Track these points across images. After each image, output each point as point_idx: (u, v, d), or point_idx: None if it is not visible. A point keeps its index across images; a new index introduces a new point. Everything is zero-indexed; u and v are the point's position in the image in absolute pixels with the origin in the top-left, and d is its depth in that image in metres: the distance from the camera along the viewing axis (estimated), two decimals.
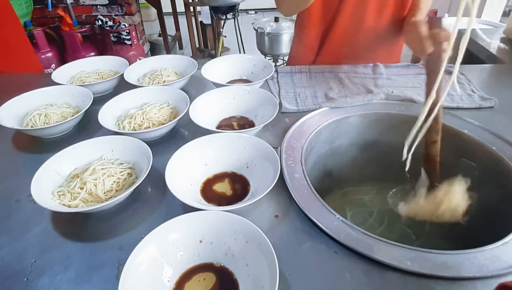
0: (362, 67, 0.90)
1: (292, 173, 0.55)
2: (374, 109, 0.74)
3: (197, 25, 3.23)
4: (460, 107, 0.73)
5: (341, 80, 0.84)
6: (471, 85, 0.82)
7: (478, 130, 0.67)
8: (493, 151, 0.62)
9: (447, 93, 0.76)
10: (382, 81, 0.84)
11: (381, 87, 0.81)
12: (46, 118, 0.66)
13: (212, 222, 0.42)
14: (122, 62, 0.82)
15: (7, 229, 0.48)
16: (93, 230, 0.47)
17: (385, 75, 0.86)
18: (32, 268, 0.43)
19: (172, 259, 0.40)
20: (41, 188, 0.48)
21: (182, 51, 3.58)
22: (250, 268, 0.40)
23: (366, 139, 0.76)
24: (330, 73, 0.89)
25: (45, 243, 0.46)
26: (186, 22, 2.96)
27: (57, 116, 0.67)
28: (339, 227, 0.47)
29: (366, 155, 0.78)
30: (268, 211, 0.50)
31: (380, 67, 0.89)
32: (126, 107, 0.66)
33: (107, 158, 0.55)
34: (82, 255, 0.44)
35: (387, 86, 0.81)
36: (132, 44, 2.43)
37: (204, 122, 0.62)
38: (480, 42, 1.15)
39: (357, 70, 0.89)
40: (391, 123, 0.74)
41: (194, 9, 3.16)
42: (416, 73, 0.88)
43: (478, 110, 0.73)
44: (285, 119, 0.70)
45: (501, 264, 0.42)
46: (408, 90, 0.80)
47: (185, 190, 0.50)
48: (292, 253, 0.44)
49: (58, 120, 0.66)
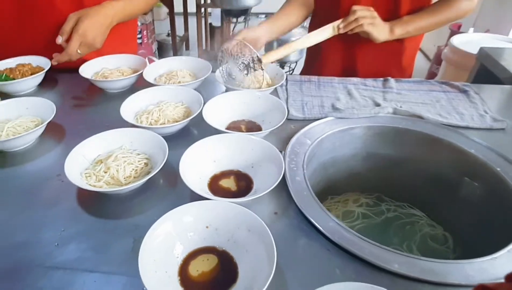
0: (372, 81, 0.98)
1: (294, 176, 0.63)
2: (380, 122, 0.80)
3: (206, 27, 3.34)
4: (470, 127, 0.78)
5: (349, 92, 0.92)
6: (484, 105, 0.86)
7: (484, 150, 0.71)
8: (497, 172, 0.67)
9: (457, 112, 0.84)
10: (392, 95, 0.90)
11: (390, 101, 0.87)
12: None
13: (220, 211, 0.50)
14: (141, 61, 0.92)
15: (41, 202, 0.58)
16: (112, 209, 0.56)
17: (395, 90, 0.93)
18: (62, 235, 0.52)
19: (183, 238, 0.48)
20: (71, 169, 0.57)
21: (189, 52, 3.69)
22: (250, 254, 0.48)
23: (369, 151, 0.83)
24: (339, 84, 0.97)
25: (72, 216, 0.55)
26: (195, 23, 3.08)
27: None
28: (334, 228, 0.54)
29: (367, 167, 0.85)
30: (269, 208, 0.58)
31: (390, 81, 0.96)
32: (144, 104, 0.75)
33: (126, 148, 0.64)
34: (102, 230, 0.53)
35: (396, 100, 0.88)
36: (142, 43, 2.55)
37: (215, 122, 0.70)
38: (502, 62, 1.17)
39: (366, 82, 0.97)
40: (396, 138, 0.80)
41: (205, 10, 3.28)
42: (428, 89, 0.94)
43: (488, 131, 0.77)
44: (291, 125, 0.79)
45: (488, 275, 0.47)
46: (418, 106, 0.86)
47: (194, 182, 0.58)
48: (288, 246, 0.52)
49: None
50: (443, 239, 0.77)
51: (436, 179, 0.79)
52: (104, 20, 0.85)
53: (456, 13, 0.95)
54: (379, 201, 0.87)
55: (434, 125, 0.79)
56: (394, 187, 0.86)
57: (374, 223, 0.82)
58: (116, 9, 0.88)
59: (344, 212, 0.85)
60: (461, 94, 0.93)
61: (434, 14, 0.96)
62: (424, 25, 0.96)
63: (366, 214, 0.83)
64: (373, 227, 0.80)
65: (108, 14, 0.86)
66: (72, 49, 0.81)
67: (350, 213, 0.84)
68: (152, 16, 2.89)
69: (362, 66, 1.09)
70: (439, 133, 0.76)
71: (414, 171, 0.82)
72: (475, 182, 0.72)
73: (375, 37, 0.93)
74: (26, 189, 0.61)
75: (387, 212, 0.83)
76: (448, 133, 0.76)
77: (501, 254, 0.50)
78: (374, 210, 0.85)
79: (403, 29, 0.95)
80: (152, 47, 2.88)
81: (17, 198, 0.59)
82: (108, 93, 0.88)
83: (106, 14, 0.85)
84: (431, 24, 0.96)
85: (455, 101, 0.90)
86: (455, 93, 0.92)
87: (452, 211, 0.78)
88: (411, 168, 0.82)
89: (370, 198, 0.88)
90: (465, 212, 0.74)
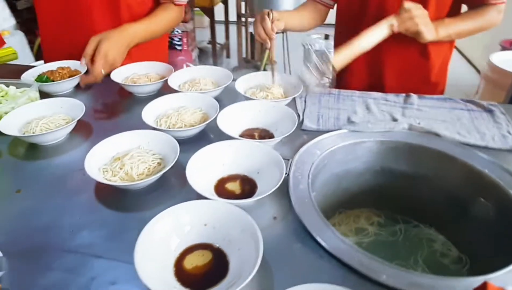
0: (394, 96, 0.98)
1: (297, 184, 0.66)
2: (394, 137, 0.80)
3: (247, 36, 3.45)
4: (489, 147, 0.77)
5: (368, 106, 0.93)
6: (509, 126, 0.83)
7: (499, 171, 0.70)
8: (510, 195, 0.65)
9: (478, 131, 0.82)
10: (411, 111, 0.90)
11: (409, 117, 0.87)
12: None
13: (218, 210, 0.54)
14: (168, 68, 0.99)
15: (63, 192, 0.65)
16: (124, 203, 0.63)
17: (416, 106, 0.92)
18: (77, 222, 0.58)
19: (181, 233, 0.53)
20: (91, 164, 0.64)
21: (229, 60, 3.82)
22: (241, 253, 0.51)
23: (383, 166, 0.83)
24: (358, 98, 0.98)
25: (88, 207, 0.62)
26: (236, 31, 3.19)
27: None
28: (329, 237, 0.56)
29: (381, 182, 0.85)
30: (269, 212, 0.61)
31: (412, 98, 0.95)
32: (165, 108, 0.82)
33: (143, 148, 0.70)
34: (114, 220, 0.59)
35: (415, 116, 0.87)
36: (182, 50, 2.68)
37: (229, 128, 0.75)
38: None
39: (387, 97, 0.97)
40: (410, 154, 0.80)
41: (246, 20, 3.39)
42: (451, 107, 0.92)
43: (509, 152, 0.75)
44: (304, 136, 0.81)
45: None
46: (437, 123, 0.85)
47: (201, 183, 0.63)
48: (281, 249, 0.54)
49: None
50: (457, 259, 0.76)
51: (450, 198, 0.78)
52: (123, 42, 0.96)
53: (486, 22, 0.96)
54: (392, 218, 0.87)
55: (450, 143, 0.78)
56: (407, 204, 0.85)
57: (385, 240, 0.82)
58: (136, 31, 0.99)
59: (357, 228, 0.85)
60: (485, 113, 0.91)
61: (469, 20, 0.97)
62: (462, 30, 0.97)
63: (378, 233, 0.83)
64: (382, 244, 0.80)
65: (127, 36, 0.97)
66: (97, 71, 0.92)
67: (363, 230, 0.84)
68: (193, 24, 3.03)
69: (389, 81, 1.09)
70: (455, 152, 0.76)
71: (428, 189, 0.81)
72: (488, 202, 0.71)
73: (425, 37, 0.93)
74: (52, 180, 0.68)
75: (400, 232, 0.83)
76: (464, 152, 0.75)
77: (492, 277, 0.50)
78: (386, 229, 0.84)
79: (446, 31, 0.95)
80: (191, 54, 3.01)
81: (44, 187, 0.67)
82: (136, 97, 0.96)
83: (125, 36, 0.96)
84: (468, 30, 0.97)
85: (478, 120, 0.88)
86: (479, 112, 0.90)
87: (466, 230, 0.76)
88: (425, 186, 0.81)
89: (383, 215, 0.88)
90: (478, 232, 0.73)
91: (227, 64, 3.80)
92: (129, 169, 0.64)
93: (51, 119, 0.77)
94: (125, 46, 0.97)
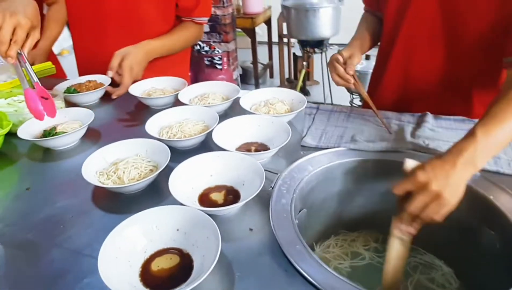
0: (409, 116, 0.94)
1: (280, 198, 0.66)
2: (396, 157, 0.77)
3: (289, 56, 3.51)
4: (501, 172, 0.72)
5: (377, 125, 0.91)
6: None
7: (506, 199, 0.65)
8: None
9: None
10: (423, 131, 0.85)
11: (418, 137, 0.83)
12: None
13: (190, 216, 0.57)
14: (183, 83, 1.06)
15: (65, 192, 0.73)
16: (116, 205, 0.68)
17: (430, 126, 0.88)
18: (70, 220, 0.65)
19: (152, 235, 0.56)
20: (88, 168, 0.70)
21: (272, 80, 3.89)
22: (205, 259, 0.52)
23: (381, 187, 0.79)
24: (370, 117, 0.96)
25: (82, 206, 0.68)
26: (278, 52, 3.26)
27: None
28: (298, 252, 0.55)
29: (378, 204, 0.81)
30: (246, 224, 0.62)
31: (428, 117, 0.91)
32: (170, 120, 0.87)
33: (141, 155, 0.75)
34: (104, 219, 0.65)
35: (425, 137, 0.83)
36: (222, 69, 2.79)
37: (227, 141, 0.78)
38: None
39: (401, 117, 0.94)
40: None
41: (288, 40, 3.46)
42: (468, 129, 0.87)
43: None
44: (301, 152, 0.82)
45: None
46: (447, 144, 0.79)
47: (185, 192, 0.66)
48: (250, 260, 0.55)
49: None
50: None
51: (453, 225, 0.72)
52: (144, 57, 1.08)
53: None
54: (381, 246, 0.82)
55: None
56: None
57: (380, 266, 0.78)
58: (154, 47, 1.12)
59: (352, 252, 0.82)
60: None
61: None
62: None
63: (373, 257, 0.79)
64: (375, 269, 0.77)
65: (146, 52, 1.09)
66: (127, 82, 1.03)
67: (359, 255, 0.81)
68: (235, 44, 3.16)
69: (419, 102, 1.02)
70: None
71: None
72: (494, 232, 0.65)
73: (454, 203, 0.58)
74: (58, 180, 0.76)
75: None
76: None
77: None
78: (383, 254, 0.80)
79: (495, 139, 0.61)
80: (232, 74, 3.13)
81: (50, 186, 0.75)
82: (152, 109, 1.03)
83: (145, 53, 1.09)
84: None
85: None
86: None
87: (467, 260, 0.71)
88: None
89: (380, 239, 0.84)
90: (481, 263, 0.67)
91: (270, 84, 3.87)
92: (121, 173, 0.69)
93: (64, 125, 0.86)
94: (145, 61, 1.09)
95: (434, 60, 0.93)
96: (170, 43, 1.16)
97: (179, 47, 1.20)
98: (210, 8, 1.26)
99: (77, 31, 1.22)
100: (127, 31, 1.14)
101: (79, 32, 1.21)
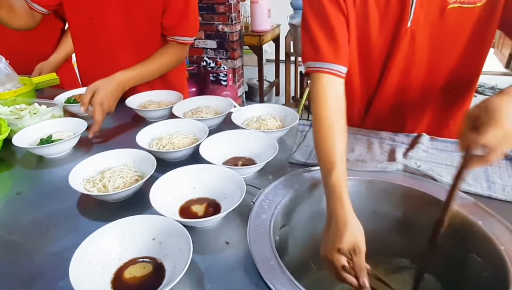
0: (404, 136, 0.94)
1: (260, 213, 0.67)
2: (385, 178, 0.78)
3: (296, 75, 3.55)
4: (493, 197, 0.72)
5: (370, 145, 0.91)
6: None
7: (495, 225, 0.64)
8: (500, 251, 0.60)
9: (487, 179, 0.77)
10: (416, 152, 0.86)
11: (410, 158, 0.83)
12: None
13: (166, 226, 0.58)
14: (179, 97, 1.09)
15: (53, 199, 0.75)
16: (101, 212, 0.70)
17: (424, 147, 0.88)
18: (54, 224, 0.67)
19: (128, 243, 0.57)
20: (76, 175, 0.72)
21: (278, 98, 3.93)
22: (176, 270, 0.53)
23: (367, 207, 0.79)
24: (363, 136, 0.97)
25: (67, 213, 0.71)
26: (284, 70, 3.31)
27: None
28: (271, 268, 0.56)
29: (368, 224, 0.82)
30: (224, 237, 0.64)
31: (423, 138, 0.91)
32: (161, 132, 0.90)
33: (128, 165, 0.78)
34: (88, 226, 0.67)
35: (418, 158, 0.83)
36: (227, 85, 2.84)
37: (214, 155, 0.80)
38: None
39: (396, 138, 0.94)
40: (397, 196, 0.77)
41: (296, 58, 3.51)
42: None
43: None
44: (289, 168, 0.83)
45: None
46: (441, 167, 0.81)
47: (167, 202, 0.67)
48: (222, 273, 0.56)
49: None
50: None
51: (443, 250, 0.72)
52: (116, 90, 1.04)
53: None
54: (385, 262, 0.81)
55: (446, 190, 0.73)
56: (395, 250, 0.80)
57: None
58: (128, 78, 1.08)
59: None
60: (505, 161, 0.84)
61: None
62: None
63: None
64: None
65: (118, 83, 1.05)
66: (98, 118, 0.99)
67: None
68: (241, 61, 3.22)
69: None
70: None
71: (417, 235, 0.76)
72: (480, 258, 0.65)
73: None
74: (48, 187, 0.79)
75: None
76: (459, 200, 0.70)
77: None
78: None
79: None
80: (237, 90, 3.18)
81: (39, 192, 0.78)
82: (147, 121, 1.06)
83: (118, 84, 1.05)
84: None
85: (493, 167, 0.81)
86: None
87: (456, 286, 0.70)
88: (414, 231, 0.76)
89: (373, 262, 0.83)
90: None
91: (276, 102, 3.91)
92: (107, 182, 0.71)
93: (58, 134, 0.89)
94: (118, 93, 1.06)
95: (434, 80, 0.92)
96: (147, 71, 1.14)
97: (157, 73, 1.19)
98: (196, 28, 1.23)
99: (78, 43, 1.26)
100: (125, 44, 1.18)
101: (80, 44, 1.26)
